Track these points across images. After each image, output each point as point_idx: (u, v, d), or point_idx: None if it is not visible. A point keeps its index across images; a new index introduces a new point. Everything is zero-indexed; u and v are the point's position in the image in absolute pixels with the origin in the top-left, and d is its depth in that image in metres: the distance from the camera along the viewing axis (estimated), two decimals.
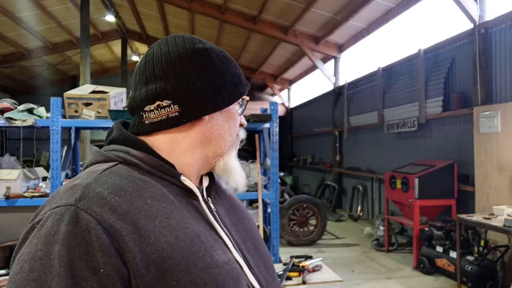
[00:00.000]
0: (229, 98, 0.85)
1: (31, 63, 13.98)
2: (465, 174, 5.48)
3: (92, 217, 0.66)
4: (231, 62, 0.89)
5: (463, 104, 5.56)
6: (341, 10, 7.92)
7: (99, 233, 0.65)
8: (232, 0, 8.93)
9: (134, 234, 0.67)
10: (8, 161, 3.69)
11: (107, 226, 0.66)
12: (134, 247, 0.66)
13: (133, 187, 0.74)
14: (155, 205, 0.73)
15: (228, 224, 0.86)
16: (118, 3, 11.29)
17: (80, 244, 0.64)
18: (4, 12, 9.81)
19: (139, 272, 0.65)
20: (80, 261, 0.63)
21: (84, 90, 3.47)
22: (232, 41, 11.48)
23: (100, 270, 0.63)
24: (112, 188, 0.71)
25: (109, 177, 0.74)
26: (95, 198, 0.69)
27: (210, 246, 0.75)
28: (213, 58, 0.84)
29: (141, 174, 0.77)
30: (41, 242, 0.65)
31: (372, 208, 8.47)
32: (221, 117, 0.86)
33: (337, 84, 10.03)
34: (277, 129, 3.52)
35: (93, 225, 0.65)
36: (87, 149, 10.09)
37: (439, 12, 6.58)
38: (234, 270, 0.76)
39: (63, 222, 0.65)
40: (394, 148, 7.49)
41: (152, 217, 0.71)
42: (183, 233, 0.72)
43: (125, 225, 0.67)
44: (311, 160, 12.26)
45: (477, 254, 4.32)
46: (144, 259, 0.66)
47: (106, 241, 0.65)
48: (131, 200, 0.71)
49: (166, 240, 0.70)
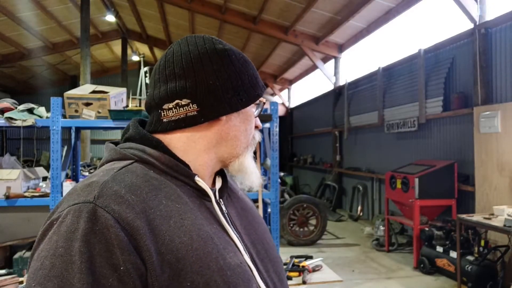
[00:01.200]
0: (247, 100, 0.86)
1: (31, 63, 13.98)
2: (465, 174, 5.48)
3: (110, 215, 0.66)
4: (249, 64, 0.89)
5: (463, 104, 5.56)
6: (341, 10, 7.92)
7: (117, 230, 0.65)
8: (232, 0, 8.93)
9: (150, 233, 0.68)
10: (8, 161, 3.69)
11: (125, 224, 0.66)
12: (151, 246, 0.67)
13: (148, 186, 0.74)
14: (169, 205, 0.73)
15: (239, 226, 0.86)
16: (118, 3, 11.29)
17: (100, 241, 0.64)
18: (4, 12, 9.82)
19: (155, 271, 0.66)
20: (101, 258, 0.64)
21: (84, 90, 3.47)
22: (232, 41, 11.47)
23: (120, 267, 0.64)
24: (129, 186, 0.72)
25: (126, 176, 0.74)
26: (113, 196, 0.69)
27: (223, 248, 0.75)
28: (232, 59, 0.84)
29: (156, 174, 0.78)
30: (62, 239, 0.65)
31: (372, 208, 8.47)
32: (238, 118, 0.86)
33: (337, 84, 10.03)
34: (277, 129, 3.52)
35: (112, 223, 0.65)
36: (87, 149, 10.10)
37: (439, 12, 6.58)
38: (246, 273, 0.76)
39: (82, 219, 0.66)
40: (394, 148, 7.49)
41: (167, 217, 0.71)
42: (197, 234, 0.72)
43: (142, 224, 0.68)
44: (311, 160, 12.26)
45: (477, 254, 4.32)
46: (160, 259, 0.67)
47: (125, 239, 0.65)
48: (147, 200, 0.71)
49: (181, 241, 0.70)
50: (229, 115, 0.84)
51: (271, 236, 0.98)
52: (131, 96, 4.12)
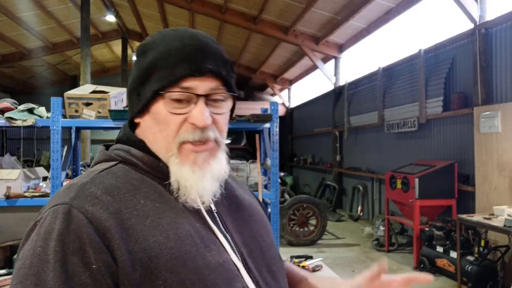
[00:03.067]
0: (143, 97, 0.79)
1: (32, 63, 13.98)
2: (465, 174, 5.48)
3: (84, 215, 0.68)
4: (149, 55, 0.79)
5: (464, 104, 5.56)
6: (341, 10, 7.92)
7: (89, 230, 0.67)
8: (232, 0, 8.93)
9: (123, 232, 0.69)
10: (9, 161, 3.69)
11: (97, 224, 0.68)
12: (122, 245, 0.68)
13: (127, 187, 0.75)
14: (148, 205, 0.74)
15: (230, 225, 0.83)
16: (118, 3, 11.29)
17: (74, 241, 0.66)
18: (4, 12, 9.82)
19: (125, 270, 0.67)
20: (74, 257, 0.66)
21: (84, 90, 3.47)
22: (232, 41, 11.48)
23: (92, 265, 0.66)
24: (106, 188, 0.74)
25: (106, 177, 0.76)
26: (89, 197, 0.71)
27: (204, 246, 0.74)
28: (138, 54, 0.83)
29: (139, 174, 0.79)
30: (40, 239, 0.68)
31: (372, 208, 8.47)
32: (150, 119, 0.80)
33: (338, 84, 10.03)
34: (277, 129, 3.52)
35: (84, 223, 0.68)
36: (87, 149, 10.09)
37: (440, 12, 6.58)
38: (228, 272, 0.74)
39: (59, 219, 0.68)
40: (395, 148, 7.49)
41: (144, 217, 0.72)
42: (174, 233, 0.72)
43: (115, 223, 0.69)
44: (311, 160, 12.25)
45: (478, 254, 4.31)
46: (131, 258, 0.68)
47: (97, 238, 0.67)
48: (124, 200, 0.73)
49: (155, 240, 0.70)
50: (144, 117, 0.81)
51: (272, 235, 0.95)
52: None
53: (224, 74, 0.80)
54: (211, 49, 0.80)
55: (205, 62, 0.77)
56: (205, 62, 0.77)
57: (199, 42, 0.79)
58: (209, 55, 0.79)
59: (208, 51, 0.79)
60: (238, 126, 3.53)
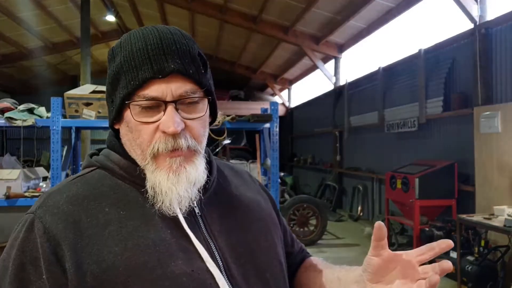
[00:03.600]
0: (116, 104, 0.75)
1: (32, 63, 13.97)
2: (465, 174, 5.48)
3: (42, 225, 0.69)
4: (118, 54, 0.75)
5: (464, 104, 5.56)
6: (341, 10, 7.92)
7: (43, 241, 0.68)
8: (232, 0, 8.93)
9: (78, 244, 0.68)
10: (9, 161, 3.70)
11: (52, 235, 0.68)
12: (74, 257, 0.67)
13: (95, 194, 0.75)
14: (112, 213, 0.72)
15: (217, 228, 0.78)
16: (118, 3, 11.28)
17: (32, 250, 0.68)
18: (4, 12, 9.81)
19: (73, 282, 0.66)
20: (30, 266, 0.68)
21: (84, 90, 3.47)
22: (233, 41, 11.47)
23: (43, 276, 0.67)
24: (70, 197, 0.74)
25: (75, 185, 0.76)
26: (51, 207, 0.72)
27: (169, 255, 0.70)
28: (109, 58, 0.79)
29: (115, 179, 0.78)
30: (8, 246, 0.71)
31: (373, 208, 8.47)
32: (124, 127, 0.77)
33: (338, 84, 10.03)
34: (277, 129, 3.52)
35: (41, 233, 0.69)
36: (87, 149, 10.08)
37: (440, 12, 6.58)
38: (197, 281, 0.70)
39: (24, 228, 0.71)
40: (395, 148, 7.48)
41: (104, 226, 0.71)
42: (134, 243, 0.69)
43: (71, 234, 0.69)
44: (311, 160, 12.25)
45: (478, 254, 4.31)
46: (82, 270, 0.67)
47: (49, 249, 0.67)
48: (87, 208, 0.72)
49: (110, 251, 0.68)
50: (120, 124, 0.79)
51: (277, 235, 0.88)
52: None
53: (191, 72, 0.73)
54: (177, 45, 0.73)
55: (168, 61, 0.71)
56: (168, 61, 0.71)
57: (163, 40, 0.72)
58: (173, 53, 0.72)
59: (173, 49, 0.72)
60: (238, 126, 3.53)
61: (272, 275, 0.81)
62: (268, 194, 0.98)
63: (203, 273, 0.71)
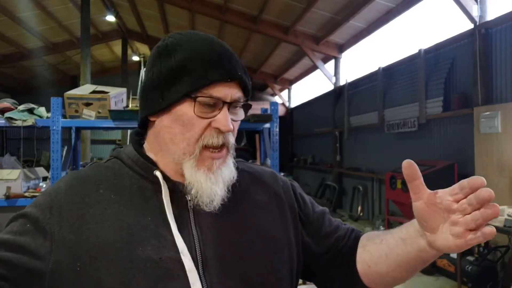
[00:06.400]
0: (167, 98, 0.78)
1: (32, 63, 13.98)
2: (465, 175, 5.45)
3: (38, 206, 0.79)
4: (173, 56, 0.79)
5: (464, 104, 5.56)
6: (341, 10, 7.92)
7: (36, 215, 0.77)
8: (232, 0, 8.93)
9: (66, 212, 0.76)
10: (9, 161, 3.70)
11: (50, 199, 0.78)
12: (59, 220, 0.76)
13: (98, 177, 0.82)
14: (104, 195, 0.79)
15: (209, 224, 0.79)
16: (118, 3, 11.29)
17: (24, 224, 0.77)
18: (4, 12, 9.82)
19: (51, 248, 0.73)
20: (22, 218, 0.78)
21: (84, 90, 3.47)
22: (233, 41, 11.47)
23: (27, 225, 0.77)
24: (75, 178, 0.83)
25: (87, 170, 0.86)
26: (52, 190, 0.81)
27: (140, 240, 0.73)
28: (161, 54, 0.81)
29: (124, 168, 0.84)
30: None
31: (373, 208, 8.47)
32: (169, 119, 0.79)
33: (338, 84, 10.03)
34: (277, 129, 3.52)
35: (35, 211, 0.78)
36: (87, 149, 10.09)
37: (440, 12, 6.58)
38: (161, 269, 0.71)
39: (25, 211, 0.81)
40: (395, 148, 7.48)
41: (91, 205, 0.77)
42: (110, 223, 0.75)
43: (65, 204, 0.77)
44: (311, 160, 12.25)
45: (478, 255, 4.32)
46: (62, 238, 0.74)
47: (38, 223, 0.76)
48: (85, 188, 0.80)
49: (88, 227, 0.74)
50: (161, 116, 0.80)
51: (282, 240, 0.87)
52: (131, 96, 4.12)
53: (247, 82, 0.82)
54: (236, 57, 0.83)
55: (236, 68, 0.80)
56: (236, 68, 0.80)
57: (227, 50, 0.82)
58: (236, 63, 0.81)
59: (235, 59, 0.82)
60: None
61: (262, 282, 0.79)
62: (291, 197, 0.97)
63: (173, 262, 0.73)
